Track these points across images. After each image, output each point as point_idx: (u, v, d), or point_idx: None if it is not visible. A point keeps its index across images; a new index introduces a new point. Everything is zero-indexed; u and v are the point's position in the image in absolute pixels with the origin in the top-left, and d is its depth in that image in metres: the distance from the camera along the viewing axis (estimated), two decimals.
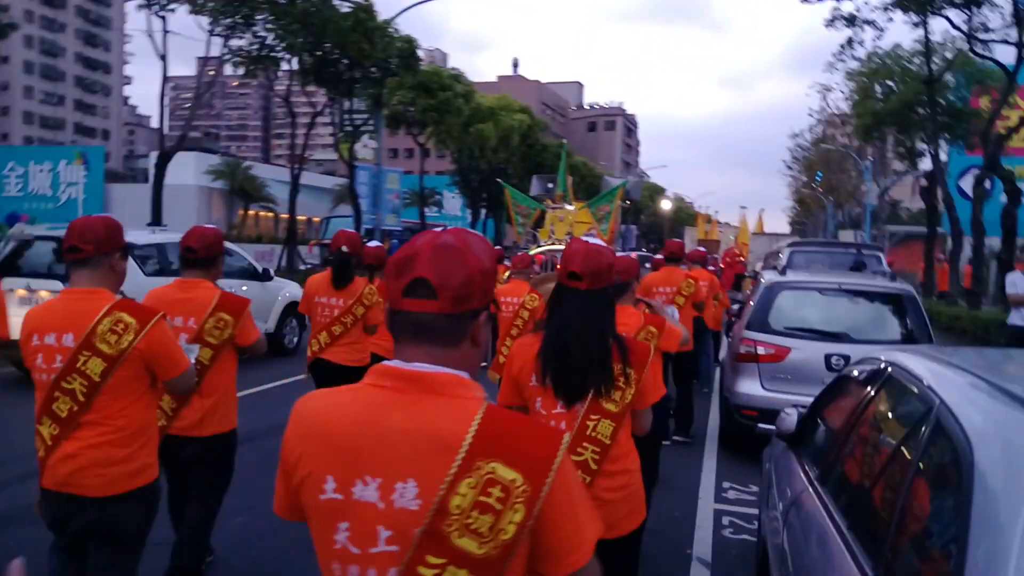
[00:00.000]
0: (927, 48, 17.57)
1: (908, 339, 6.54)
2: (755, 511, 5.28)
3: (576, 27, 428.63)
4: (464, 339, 1.29)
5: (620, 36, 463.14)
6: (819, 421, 3.50)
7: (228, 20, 19.00)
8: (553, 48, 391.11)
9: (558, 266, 2.99)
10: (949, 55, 19.00)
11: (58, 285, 7.97)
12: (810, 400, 6.45)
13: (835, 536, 2.36)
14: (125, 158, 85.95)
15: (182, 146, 19.93)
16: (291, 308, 11.10)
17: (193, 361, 2.98)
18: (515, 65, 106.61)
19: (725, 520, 5.26)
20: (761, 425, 6.73)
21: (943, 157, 20.23)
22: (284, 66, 21.58)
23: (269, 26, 18.96)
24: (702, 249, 8.80)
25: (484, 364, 5.21)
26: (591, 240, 2.59)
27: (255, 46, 19.61)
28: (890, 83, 20.72)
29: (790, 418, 3.62)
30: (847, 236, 30.47)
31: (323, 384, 5.33)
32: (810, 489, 2.88)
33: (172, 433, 3.48)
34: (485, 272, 1.29)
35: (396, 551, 1.19)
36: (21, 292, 8.35)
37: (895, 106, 19.60)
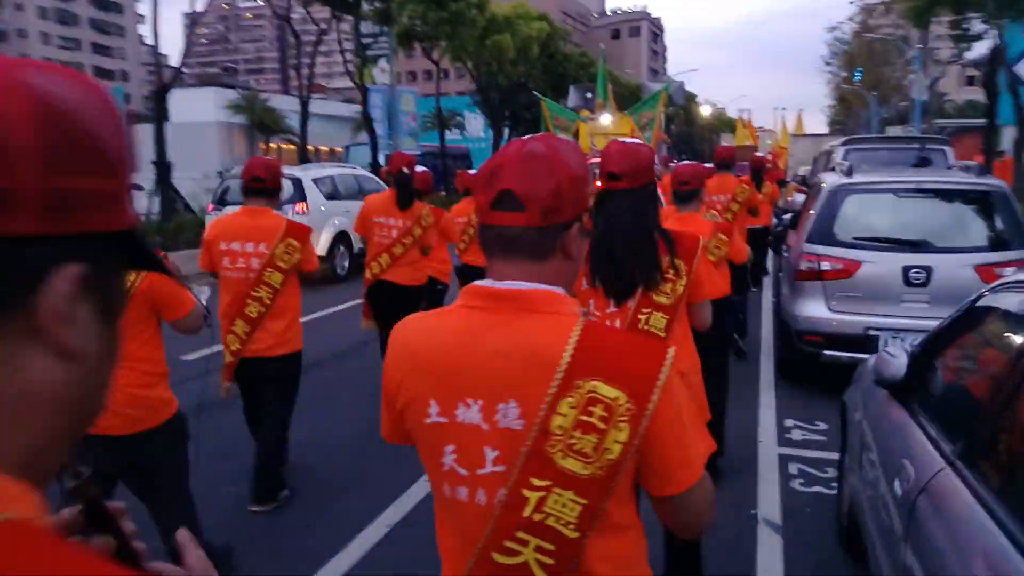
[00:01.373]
0: None
1: (999, 246, 5.58)
2: (827, 456, 4.51)
3: None
4: (555, 252, 1.22)
5: None
6: (944, 368, 2.63)
7: None
8: None
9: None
10: None
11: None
12: (886, 322, 5.79)
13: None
14: (145, 98, 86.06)
15: (180, 80, 18.91)
16: (340, 236, 11.63)
17: (204, 303, 3.02)
18: None
19: (793, 468, 4.49)
20: (828, 352, 5.97)
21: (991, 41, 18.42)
22: None
23: None
24: (729, 148, 8.07)
25: None
26: (628, 140, 2.55)
27: None
28: None
29: (897, 360, 2.76)
30: (895, 132, 28.61)
31: (383, 306, 5.50)
32: (950, 472, 2.05)
33: (247, 356, 3.78)
34: (575, 180, 1.20)
35: (503, 471, 1.18)
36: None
37: None
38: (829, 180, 6.41)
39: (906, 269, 5.51)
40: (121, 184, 0.56)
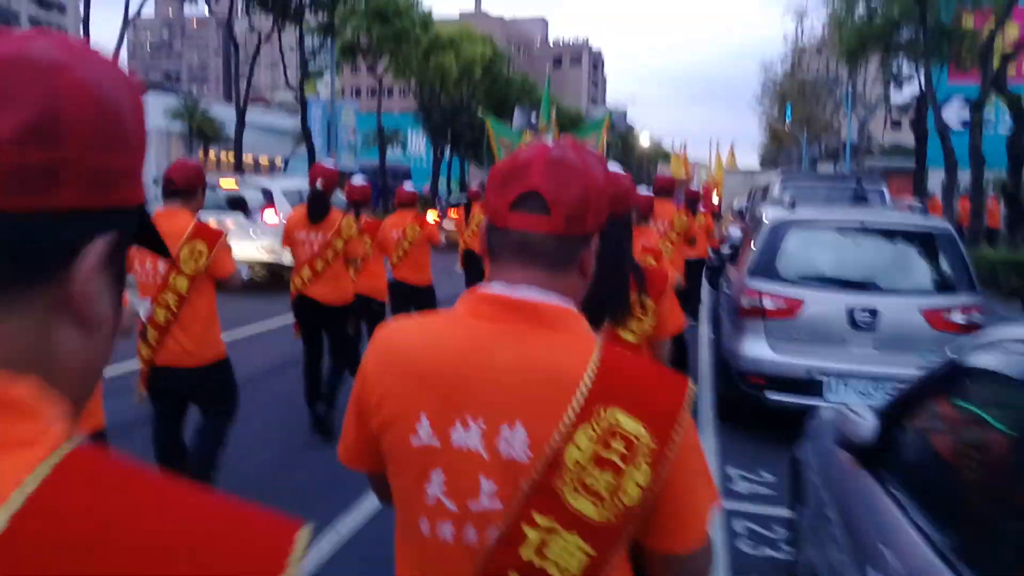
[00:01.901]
0: None
1: (946, 288, 5.43)
2: (775, 511, 4.18)
3: None
4: (573, 265, 1.11)
5: None
6: (921, 435, 2.31)
7: None
8: None
9: None
10: None
11: None
12: (831, 365, 5.56)
13: None
14: None
15: None
16: None
17: (142, 314, 3.04)
18: (477, 2, 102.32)
19: (738, 526, 4.14)
20: (771, 395, 5.73)
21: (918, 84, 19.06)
22: None
23: None
24: (669, 177, 8.29)
25: None
26: (613, 167, 2.38)
27: None
28: (872, 3, 19.28)
29: (865, 423, 2.42)
30: (825, 171, 29.37)
31: (307, 323, 5.39)
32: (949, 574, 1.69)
33: (159, 365, 3.60)
34: (601, 192, 1.11)
35: (500, 509, 1.02)
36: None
37: (881, 25, 18.23)
38: (771, 214, 6.20)
39: (851, 310, 5.29)
40: (140, 161, 0.59)
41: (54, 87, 0.51)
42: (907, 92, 23.77)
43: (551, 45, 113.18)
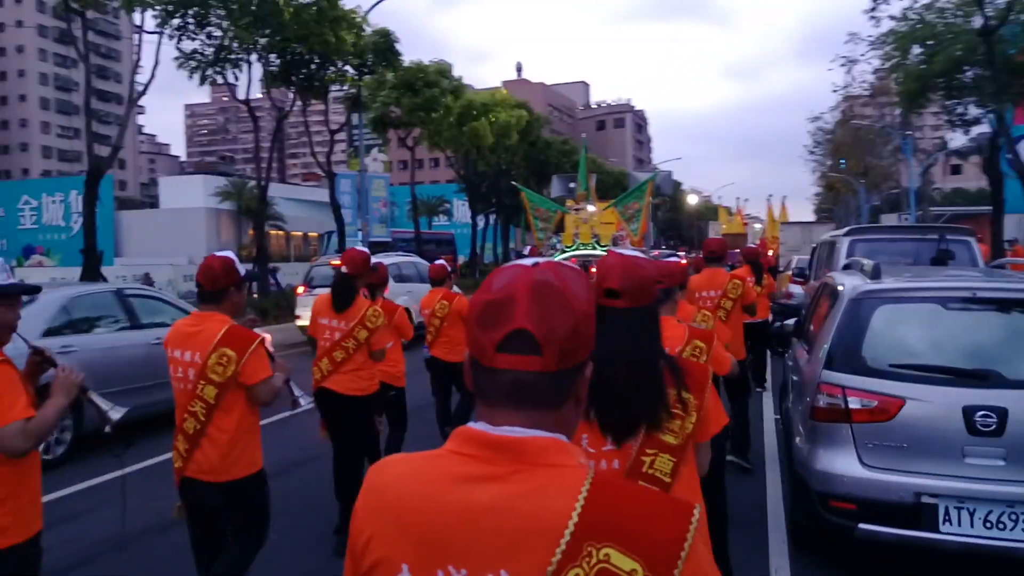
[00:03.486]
0: None
1: None
2: None
3: (578, 32, 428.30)
4: (568, 398, 1.06)
5: (622, 37, 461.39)
6: None
7: (178, 20, 16.84)
8: (556, 54, 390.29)
9: (591, 269, 3.01)
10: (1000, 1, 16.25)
11: None
12: (945, 485, 4.16)
13: None
14: (143, 186, 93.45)
15: (111, 163, 17.84)
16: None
17: (115, 418, 3.04)
18: (519, 69, 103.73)
19: None
20: (864, 527, 4.36)
21: (988, 125, 17.53)
22: (253, 72, 19.47)
23: (220, 21, 16.68)
24: (719, 240, 7.29)
25: None
26: (627, 252, 2.25)
27: (211, 48, 17.37)
28: (930, 42, 17.97)
29: None
30: (890, 221, 27.69)
31: (328, 414, 5.09)
32: None
33: (189, 476, 3.43)
34: (589, 317, 1.07)
35: None
36: None
37: (943, 66, 16.84)
38: (848, 283, 4.91)
39: (970, 411, 3.93)
40: None
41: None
42: (963, 137, 22.34)
43: (593, 107, 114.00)
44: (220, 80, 17.85)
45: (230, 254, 3.63)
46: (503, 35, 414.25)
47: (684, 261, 9.28)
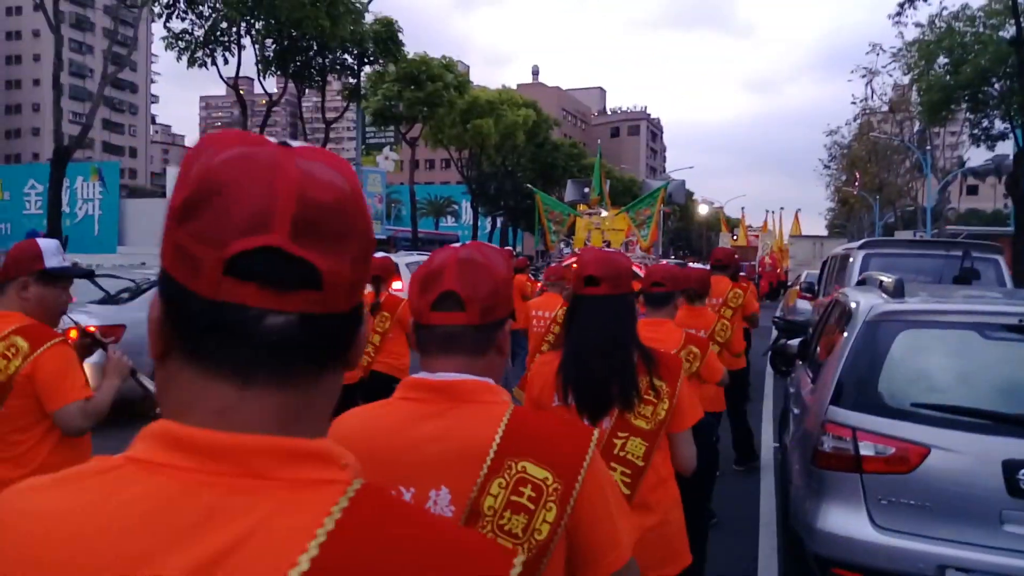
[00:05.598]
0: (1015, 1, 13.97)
1: None
2: None
3: (597, 37, 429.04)
4: (490, 348, 1.32)
5: (642, 44, 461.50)
6: None
7: None
8: (574, 58, 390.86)
9: (574, 266, 3.06)
10: None
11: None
12: (976, 558, 3.32)
13: None
14: (155, 175, 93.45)
15: (81, 144, 17.26)
16: None
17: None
18: (535, 73, 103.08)
19: None
20: None
21: (1015, 140, 16.65)
22: (248, 57, 18.85)
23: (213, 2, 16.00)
24: (727, 249, 7.21)
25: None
26: (602, 249, 2.73)
27: (201, 29, 16.68)
28: (957, 51, 17.11)
29: None
30: (904, 236, 26.84)
31: None
32: None
33: None
34: (507, 282, 1.34)
35: None
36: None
37: (969, 77, 15.96)
38: (863, 301, 4.10)
39: (1011, 466, 3.14)
40: None
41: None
42: (983, 156, 21.50)
43: (608, 114, 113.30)
44: (210, 63, 17.16)
45: None
46: (523, 40, 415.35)
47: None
